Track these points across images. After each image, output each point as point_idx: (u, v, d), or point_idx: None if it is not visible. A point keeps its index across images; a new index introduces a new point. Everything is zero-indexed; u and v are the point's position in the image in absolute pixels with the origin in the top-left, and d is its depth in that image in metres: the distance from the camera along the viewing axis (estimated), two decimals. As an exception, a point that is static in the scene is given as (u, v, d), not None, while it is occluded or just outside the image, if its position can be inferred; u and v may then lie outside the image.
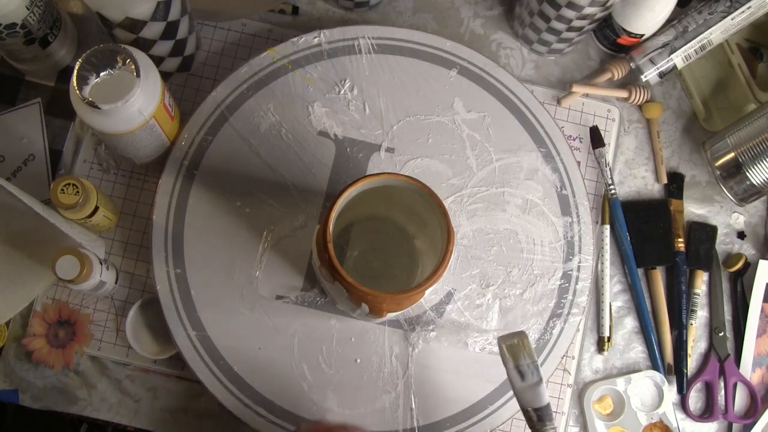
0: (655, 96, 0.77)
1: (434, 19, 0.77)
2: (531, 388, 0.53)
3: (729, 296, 0.74)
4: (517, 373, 0.53)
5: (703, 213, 0.76)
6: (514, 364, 0.53)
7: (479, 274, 0.69)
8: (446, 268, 0.53)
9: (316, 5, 0.76)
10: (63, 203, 0.61)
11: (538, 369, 0.53)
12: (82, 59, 0.56)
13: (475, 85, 0.72)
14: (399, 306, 0.55)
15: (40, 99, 0.71)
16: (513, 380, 0.53)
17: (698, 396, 0.72)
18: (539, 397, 0.52)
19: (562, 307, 0.69)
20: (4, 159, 0.69)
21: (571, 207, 0.71)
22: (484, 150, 0.71)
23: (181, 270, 0.66)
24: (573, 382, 0.70)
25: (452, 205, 0.69)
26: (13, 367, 0.67)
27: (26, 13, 0.62)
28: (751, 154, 0.68)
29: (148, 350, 0.67)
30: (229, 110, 0.69)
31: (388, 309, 0.54)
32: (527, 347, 0.54)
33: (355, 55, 0.71)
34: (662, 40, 0.72)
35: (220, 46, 0.74)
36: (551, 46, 0.74)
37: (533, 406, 0.53)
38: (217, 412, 0.67)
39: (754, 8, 0.69)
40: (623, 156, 0.76)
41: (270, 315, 0.66)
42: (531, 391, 0.53)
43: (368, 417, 0.65)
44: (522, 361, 0.53)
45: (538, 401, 0.53)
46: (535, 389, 0.53)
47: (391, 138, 0.70)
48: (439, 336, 0.67)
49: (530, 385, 0.53)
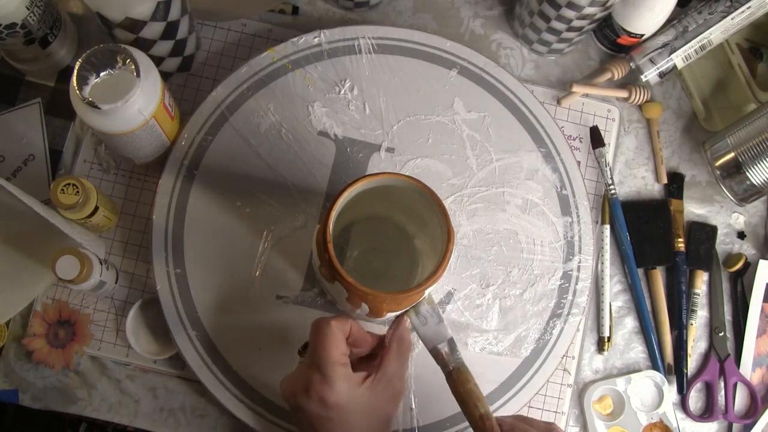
0: (655, 96, 0.77)
1: (434, 19, 0.77)
2: (431, 327, 0.57)
3: (729, 296, 0.74)
4: (418, 319, 0.57)
5: (703, 213, 0.76)
6: (415, 312, 0.57)
7: (479, 274, 0.68)
8: (446, 268, 0.53)
9: (316, 5, 0.76)
10: (63, 203, 0.61)
11: (437, 311, 0.57)
12: (82, 59, 0.56)
13: (475, 85, 0.72)
14: (399, 306, 0.56)
15: (40, 99, 0.71)
16: (415, 326, 0.57)
17: (698, 396, 0.72)
18: (441, 334, 0.57)
19: (562, 307, 0.69)
20: (4, 159, 0.69)
21: (571, 207, 0.71)
22: (484, 150, 0.71)
23: (181, 270, 0.66)
24: (573, 382, 0.70)
25: (452, 205, 0.69)
26: (13, 367, 0.67)
27: (26, 13, 0.62)
28: (751, 154, 0.68)
29: (148, 350, 0.67)
30: (229, 110, 0.69)
31: (388, 309, 0.55)
32: (426, 296, 0.58)
33: (355, 55, 0.71)
34: (662, 40, 0.72)
35: (220, 46, 0.74)
36: (551, 46, 0.74)
37: (439, 342, 0.56)
38: (217, 412, 0.67)
39: (754, 8, 0.69)
40: (623, 156, 0.76)
41: (270, 315, 0.66)
42: (432, 330, 0.57)
43: (368, 417, 0.65)
44: (421, 308, 0.57)
45: (441, 337, 0.56)
46: (435, 327, 0.57)
47: (391, 138, 0.70)
48: (439, 336, 0.67)
49: (431, 326, 0.57)
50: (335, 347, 0.52)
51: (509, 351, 0.67)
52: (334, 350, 0.52)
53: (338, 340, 0.53)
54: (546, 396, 0.70)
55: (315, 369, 0.52)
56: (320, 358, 0.52)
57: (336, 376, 0.51)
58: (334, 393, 0.51)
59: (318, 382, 0.51)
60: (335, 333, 0.53)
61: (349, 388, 0.52)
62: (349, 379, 0.52)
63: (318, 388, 0.51)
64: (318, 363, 0.52)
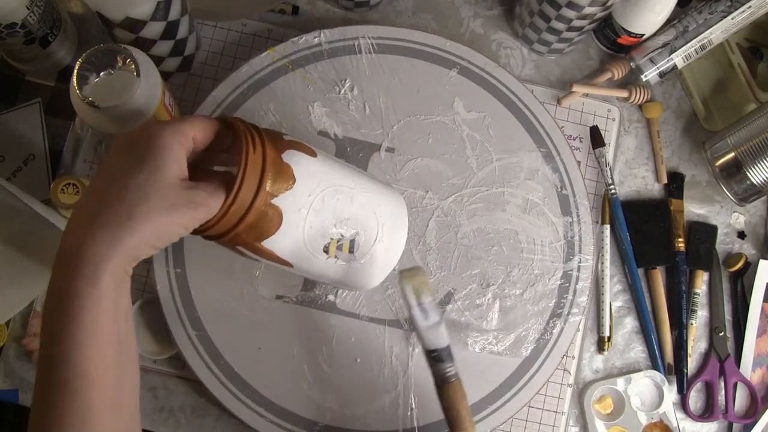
0: (655, 96, 0.77)
1: (434, 19, 0.77)
2: (433, 327, 0.52)
3: (729, 296, 0.74)
4: (420, 311, 0.52)
5: (703, 213, 0.76)
6: (417, 303, 0.52)
7: (479, 274, 0.68)
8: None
9: (316, 5, 0.76)
10: (63, 203, 0.61)
11: (438, 308, 0.53)
12: (82, 59, 0.56)
13: (475, 85, 0.72)
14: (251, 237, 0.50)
15: (40, 99, 0.71)
16: (417, 319, 0.52)
17: (698, 396, 0.72)
18: (441, 338, 0.52)
19: (562, 307, 0.69)
20: (4, 159, 0.69)
21: (571, 207, 0.71)
22: (484, 150, 0.71)
23: (181, 270, 0.66)
24: (573, 382, 0.70)
25: (452, 205, 0.69)
26: (13, 367, 0.67)
27: (26, 13, 0.62)
28: (752, 153, 0.68)
29: (148, 350, 0.67)
30: (229, 110, 0.69)
31: (244, 238, 0.49)
32: (429, 285, 0.53)
33: (355, 55, 0.71)
34: (662, 39, 0.72)
35: (220, 46, 0.74)
36: (551, 45, 0.74)
37: (437, 347, 0.52)
38: (217, 412, 0.67)
39: (754, 8, 0.69)
40: (623, 156, 0.76)
41: (270, 315, 0.66)
42: (433, 331, 0.52)
43: (368, 417, 0.65)
44: (425, 299, 0.52)
45: (441, 341, 0.52)
46: (437, 329, 0.52)
47: (392, 138, 0.70)
48: (439, 336, 0.67)
49: (433, 325, 0.52)
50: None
51: (509, 351, 0.67)
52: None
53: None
54: (546, 396, 0.70)
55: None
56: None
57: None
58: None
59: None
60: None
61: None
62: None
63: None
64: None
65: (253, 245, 0.49)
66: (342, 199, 0.51)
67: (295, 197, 0.49)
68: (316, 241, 0.51)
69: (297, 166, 0.49)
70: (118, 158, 0.46)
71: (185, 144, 0.46)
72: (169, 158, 0.44)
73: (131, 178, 0.43)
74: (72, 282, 0.42)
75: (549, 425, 0.69)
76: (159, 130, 0.45)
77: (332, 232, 0.51)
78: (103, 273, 0.42)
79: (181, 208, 0.44)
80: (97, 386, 0.42)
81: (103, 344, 0.43)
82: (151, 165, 0.44)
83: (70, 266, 0.42)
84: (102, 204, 0.43)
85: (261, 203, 0.47)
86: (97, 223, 0.42)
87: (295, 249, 0.51)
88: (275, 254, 0.50)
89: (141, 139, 0.45)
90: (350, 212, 0.52)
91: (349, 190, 0.52)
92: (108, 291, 0.42)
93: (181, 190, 0.44)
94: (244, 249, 0.50)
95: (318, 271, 0.54)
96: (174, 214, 0.44)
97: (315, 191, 0.50)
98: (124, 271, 0.43)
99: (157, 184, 0.44)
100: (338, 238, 0.52)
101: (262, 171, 0.47)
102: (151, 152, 0.44)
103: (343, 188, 0.52)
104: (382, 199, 0.55)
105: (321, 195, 0.50)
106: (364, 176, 0.55)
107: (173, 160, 0.45)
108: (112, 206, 0.43)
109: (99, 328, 0.42)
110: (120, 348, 0.44)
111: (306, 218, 0.50)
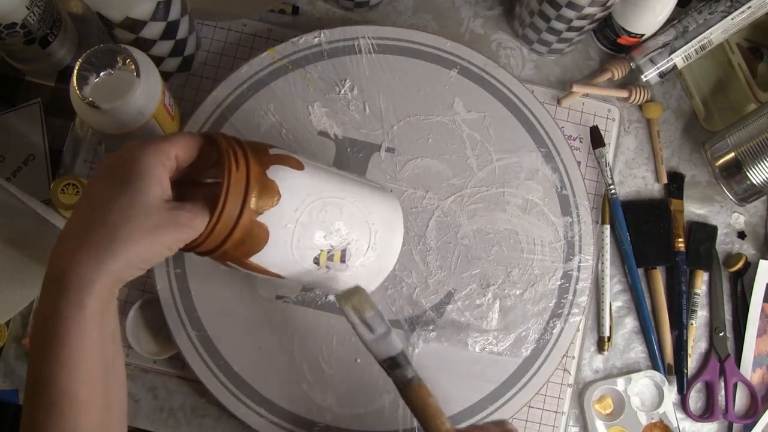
0: (655, 96, 0.77)
1: (434, 19, 0.77)
2: (382, 338, 0.52)
3: (729, 296, 0.74)
4: (365, 327, 0.52)
5: (704, 213, 0.76)
6: (360, 319, 0.53)
7: (479, 274, 0.68)
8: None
9: (316, 5, 0.76)
10: (63, 203, 0.61)
11: (383, 318, 0.53)
12: (82, 59, 0.56)
13: (475, 85, 0.72)
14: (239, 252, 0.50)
15: (40, 99, 0.71)
16: (363, 335, 0.52)
17: (698, 396, 0.72)
18: (392, 345, 0.52)
19: (562, 307, 0.69)
20: (4, 159, 0.69)
21: (571, 207, 0.71)
22: (484, 150, 0.71)
23: (181, 270, 0.66)
24: (573, 382, 0.70)
25: (452, 206, 0.69)
26: (13, 367, 0.67)
27: (26, 13, 0.62)
28: (752, 153, 0.68)
29: (148, 350, 0.67)
30: (229, 110, 0.69)
31: (231, 254, 0.50)
32: (368, 300, 0.53)
33: (355, 55, 0.71)
34: (662, 40, 0.72)
35: (220, 46, 0.74)
36: (551, 46, 0.74)
37: (389, 355, 0.52)
38: (217, 412, 0.67)
39: (754, 8, 0.69)
40: (623, 156, 0.76)
41: (270, 315, 0.66)
42: (383, 342, 0.52)
43: (368, 417, 0.65)
44: (366, 314, 0.53)
45: (393, 349, 0.52)
46: (386, 338, 0.52)
47: (392, 138, 0.70)
48: (439, 336, 0.67)
49: (380, 336, 0.52)
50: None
51: (509, 351, 0.67)
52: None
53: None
54: (546, 396, 0.70)
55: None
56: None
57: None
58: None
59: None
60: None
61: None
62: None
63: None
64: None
65: (242, 261, 0.49)
66: (331, 211, 0.51)
67: (280, 213, 0.49)
68: (305, 253, 0.51)
69: (282, 181, 0.49)
70: (101, 182, 0.46)
71: (167, 164, 0.46)
72: (151, 179, 0.44)
73: (114, 201, 0.44)
74: (58, 305, 0.42)
75: (549, 425, 0.69)
76: (140, 151, 0.45)
77: (322, 243, 0.51)
78: (88, 297, 0.42)
79: (164, 229, 0.44)
80: (85, 408, 0.43)
81: (91, 367, 0.43)
82: (134, 187, 0.44)
83: (57, 290, 0.42)
84: (86, 227, 0.43)
85: (246, 221, 0.47)
86: (81, 247, 0.43)
87: (284, 262, 0.51)
88: (265, 269, 0.50)
89: (123, 161, 0.45)
90: (340, 223, 0.52)
91: (339, 201, 0.52)
92: (93, 314, 0.42)
93: (164, 211, 0.44)
94: (234, 264, 0.50)
95: (310, 281, 0.54)
96: (158, 236, 0.44)
97: (301, 206, 0.50)
98: (110, 293, 0.44)
99: (140, 205, 0.44)
100: (328, 249, 0.52)
101: (246, 189, 0.47)
102: (133, 174, 0.44)
103: (331, 199, 0.51)
104: (374, 206, 0.54)
105: (308, 209, 0.50)
106: (356, 183, 0.55)
107: (156, 181, 0.45)
108: (95, 229, 0.43)
109: (86, 350, 0.42)
110: (107, 370, 0.44)
111: (293, 232, 0.49)
